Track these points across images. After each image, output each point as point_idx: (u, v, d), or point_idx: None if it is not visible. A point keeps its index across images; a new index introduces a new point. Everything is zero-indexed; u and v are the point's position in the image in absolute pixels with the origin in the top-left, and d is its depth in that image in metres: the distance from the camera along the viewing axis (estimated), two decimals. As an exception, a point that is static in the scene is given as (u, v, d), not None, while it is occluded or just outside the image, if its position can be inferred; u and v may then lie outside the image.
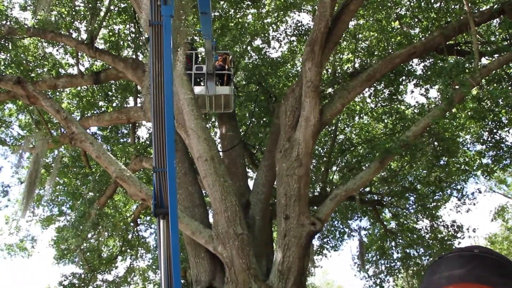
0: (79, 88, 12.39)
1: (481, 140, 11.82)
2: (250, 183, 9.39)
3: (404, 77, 11.40)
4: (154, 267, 14.45)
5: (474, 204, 13.27)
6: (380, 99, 12.33)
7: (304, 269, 7.18)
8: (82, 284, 13.99)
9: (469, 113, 11.07)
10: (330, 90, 10.24)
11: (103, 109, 12.43)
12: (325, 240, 14.46)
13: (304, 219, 7.01)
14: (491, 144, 11.37)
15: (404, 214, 13.52)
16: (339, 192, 7.87)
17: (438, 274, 1.03)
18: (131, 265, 14.66)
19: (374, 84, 11.35)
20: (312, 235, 7.22)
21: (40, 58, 11.71)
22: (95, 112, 12.10)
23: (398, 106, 12.41)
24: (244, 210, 7.74)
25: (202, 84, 9.30)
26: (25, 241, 14.47)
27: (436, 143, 11.22)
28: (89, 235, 13.36)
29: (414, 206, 13.20)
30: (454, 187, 13.26)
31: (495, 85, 9.97)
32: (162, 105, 4.19)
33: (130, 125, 11.64)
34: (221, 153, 9.00)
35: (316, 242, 14.25)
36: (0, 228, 14.41)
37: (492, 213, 19.88)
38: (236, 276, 6.81)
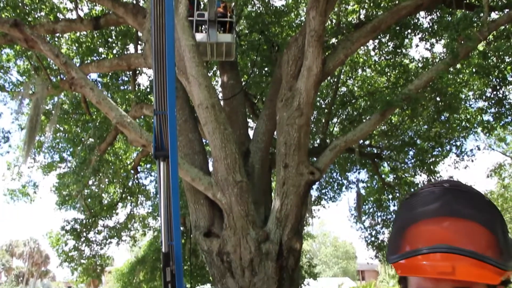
0: (78, 34, 12.17)
1: (484, 97, 11.75)
2: (250, 133, 9.39)
3: (409, 30, 11.19)
4: (154, 214, 14.70)
5: (472, 161, 13.36)
6: (384, 52, 12.15)
7: (301, 217, 7.30)
8: (84, 229, 14.30)
9: (473, 69, 10.93)
10: (334, 40, 10.07)
11: (103, 55, 12.26)
12: (323, 191, 14.68)
13: (303, 168, 7.06)
14: (493, 101, 11.31)
15: (403, 168, 13.64)
16: (338, 142, 7.90)
17: (411, 210, 1.02)
18: (132, 212, 14.95)
19: (379, 37, 11.16)
20: (310, 184, 7.30)
21: (37, 1, 11.42)
22: (95, 58, 11.94)
23: (402, 59, 12.24)
24: (243, 158, 7.79)
25: (204, 31, 9.13)
26: (27, 186, 14.65)
27: (438, 98, 11.16)
28: (90, 182, 13.53)
29: (412, 161, 13.30)
30: (454, 144, 13.31)
31: (502, 41, 9.78)
32: (164, 46, 4.12)
33: (131, 72, 11.53)
34: (222, 101, 8.95)
35: (314, 193, 14.48)
36: (2, 174, 14.51)
37: (489, 170, 20.09)
38: (234, 223, 6.94)
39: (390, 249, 1.03)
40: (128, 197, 14.74)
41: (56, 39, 12.06)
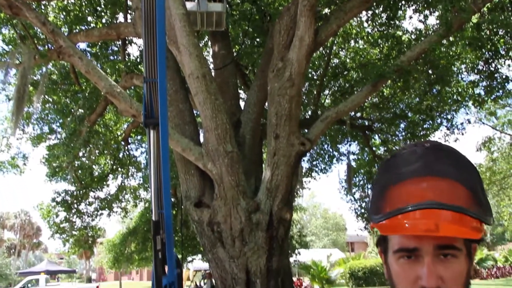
0: (65, 1, 11.89)
1: (476, 70, 11.73)
2: (242, 104, 9.32)
3: (403, 2, 11.05)
4: (145, 185, 14.70)
5: (463, 134, 13.47)
6: (377, 23, 12.02)
7: (292, 188, 7.34)
8: (75, 201, 14.30)
9: (466, 41, 10.87)
10: (326, 10, 9.93)
11: (92, 24, 12.00)
12: (314, 163, 14.74)
13: (294, 139, 7.05)
14: (485, 75, 11.30)
15: (394, 140, 13.68)
16: (330, 113, 7.88)
17: (393, 171, 1.02)
18: (122, 184, 14.94)
19: (372, 8, 11.02)
20: (301, 155, 7.31)
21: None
22: (83, 28, 11.68)
23: (395, 31, 12.13)
24: (234, 129, 7.75)
25: (194, 0, 8.95)
26: (17, 158, 14.54)
27: (430, 71, 11.12)
28: (80, 153, 13.45)
29: (403, 133, 13.34)
30: (444, 117, 13.36)
31: (496, 13, 9.71)
32: (154, 13, 4.03)
33: (120, 41, 11.32)
34: (213, 72, 8.85)
35: (305, 165, 14.55)
36: (-10, 145, 14.35)
37: (478, 144, 20.26)
38: (225, 193, 6.95)
39: (373, 209, 1.03)
40: (119, 169, 14.70)
41: (42, 7, 11.75)
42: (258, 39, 11.54)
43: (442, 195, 0.92)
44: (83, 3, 11.73)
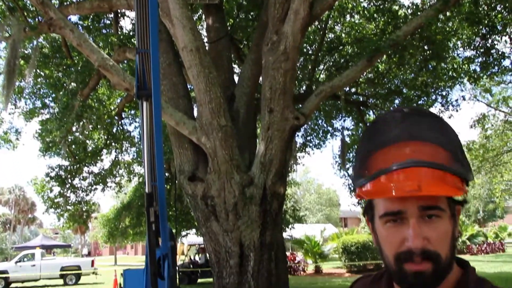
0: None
1: (472, 46, 11.65)
2: (236, 78, 9.23)
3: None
4: (139, 160, 14.67)
5: (457, 110, 13.46)
6: (373, -3, 11.88)
7: (285, 162, 7.34)
8: (69, 176, 14.29)
9: (463, 17, 10.76)
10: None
11: (83, -3, 11.76)
12: (308, 138, 14.74)
13: (288, 113, 7.01)
14: (481, 51, 11.24)
15: (388, 116, 13.63)
16: (324, 88, 7.83)
17: (374, 137, 1.04)
18: (116, 158, 14.91)
19: (368, -19, 10.87)
20: (295, 129, 7.29)
21: None
22: (74, 0, 11.44)
23: (391, 5, 11.98)
24: (228, 103, 7.70)
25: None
26: (9, 133, 14.44)
27: (426, 46, 11.04)
28: (74, 128, 13.36)
29: (398, 109, 13.29)
30: (439, 93, 13.33)
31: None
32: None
33: (113, 14, 11.13)
34: (206, 46, 8.73)
35: (299, 140, 14.56)
36: (-18, 120, 14.21)
37: (472, 121, 20.30)
38: (218, 167, 6.95)
39: (356, 175, 1.05)
40: (113, 144, 14.65)
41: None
42: (252, 13, 11.38)
43: (423, 155, 0.94)
44: (74, -26, 11.46)
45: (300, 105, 8.59)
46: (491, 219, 54.08)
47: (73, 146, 13.84)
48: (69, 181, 14.41)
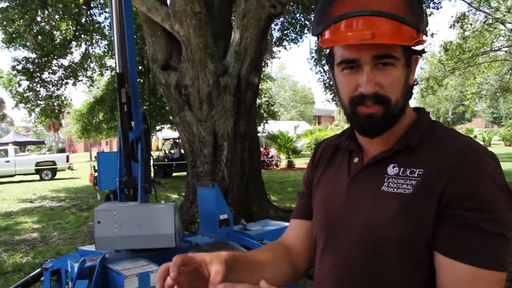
0: None
1: None
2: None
3: None
4: (111, 53, 14.17)
5: (438, 8, 13.20)
6: None
7: (261, 52, 7.17)
8: (37, 69, 13.82)
9: None
10: None
11: None
12: (285, 32, 14.40)
13: (265, 1, 6.72)
14: None
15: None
16: (303, -26, 7.50)
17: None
18: (87, 51, 14.38)
19: None
20: (271, 18, 7.03)
21: None
22: None
23: None
24: (202, -12, 7.31)
25: None
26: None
27: None
28: (39, 18, 12.67)
29: None
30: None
31: None
32: None
33: None
34: None
35: (276, 34, 14.23)
36: None
37: (452, 20, 20.00)
38: (192, 55, 6.77)
39: (315, 22, 1.06)
40: (82, 35, 14.04)
41: None
42: None
43: (379, 3, 0.95)
44: None
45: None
46: (460, 122, 55.89)
47: (39, 37, 13.21)
48: (38, 74, 13.97)
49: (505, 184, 0.94)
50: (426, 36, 1.07)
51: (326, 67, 14.07)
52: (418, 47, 1.04)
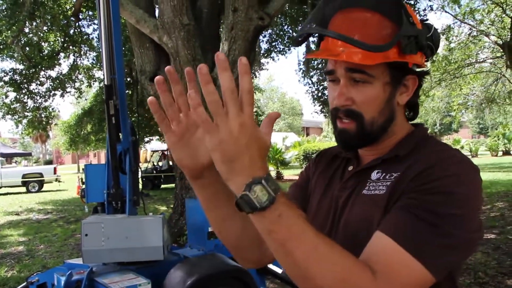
0: None
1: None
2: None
3: None
4: (99, 65, 14.13)
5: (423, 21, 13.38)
6: None
7: (249, 64, 7.23)
8: (24, 80, 13.73)
9: None
10: None
11: None
12: (273, 44, 14.50)
13: (253, 12, 6.77)
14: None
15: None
16: (291, -13, 7.58)
17: (320, 10, 1.08)
18: (75, 63, 14.33)
19: None
20: (259, 30, 7.09)
21: None
22: None
23: None
24: (191, 1, 7.35)
25: None
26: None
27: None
28: (27, 29, 12.62)
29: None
30: (407, 2, 13.15)
31: None
32: None
33: None
34: None
35: (264, 46, 14.31)
36: None
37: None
38: (181, 67, 6.78)
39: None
40: (71, 47, 13.99)
41: None
42: None
43: (352, 26, 0.99)
44: None
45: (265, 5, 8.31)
46: (447, 132, 56.44)
47: (27, 49, 13.15)
48: (26, 86, 13.88)
49: (472, 188, 0.92)
50: (427, 59, 1.08)
51: (314, 79, 14.21)
52: (419, 68, 1.06)
